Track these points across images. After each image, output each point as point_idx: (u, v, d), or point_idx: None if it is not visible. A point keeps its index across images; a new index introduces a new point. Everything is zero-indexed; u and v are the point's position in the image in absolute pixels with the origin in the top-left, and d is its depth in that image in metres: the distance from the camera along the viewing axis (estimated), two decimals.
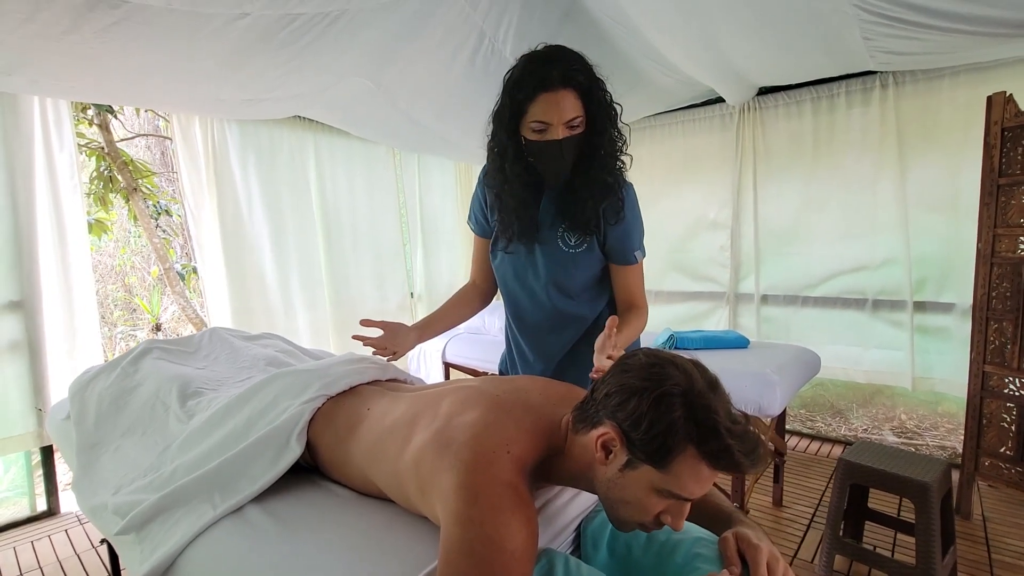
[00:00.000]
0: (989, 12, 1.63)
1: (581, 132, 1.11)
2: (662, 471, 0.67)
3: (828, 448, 2.89)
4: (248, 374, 1.50)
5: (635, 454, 0.69)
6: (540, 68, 1.07)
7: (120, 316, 6.02)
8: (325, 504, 0.94)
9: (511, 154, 1.15)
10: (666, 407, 0.67)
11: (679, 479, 0.67)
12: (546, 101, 1.07)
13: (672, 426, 0.66)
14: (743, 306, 3.18)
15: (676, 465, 0.66)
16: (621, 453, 0.70)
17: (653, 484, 0.68)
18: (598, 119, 1.11)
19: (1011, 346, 2.06)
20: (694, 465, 0.66)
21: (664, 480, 0.68)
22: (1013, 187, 2.03)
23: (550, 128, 1.08)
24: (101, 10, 1.32)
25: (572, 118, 1.08)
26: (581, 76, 1.07)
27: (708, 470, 0.67)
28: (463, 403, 0.82)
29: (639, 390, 0.69)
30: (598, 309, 1.31)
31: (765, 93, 2.95)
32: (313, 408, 1.03)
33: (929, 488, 1.60)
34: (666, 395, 0.67)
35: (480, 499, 0.68)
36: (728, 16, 1.97)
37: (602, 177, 1.15)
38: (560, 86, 1.06)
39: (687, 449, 0.66)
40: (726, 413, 0.68)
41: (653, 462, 0.67)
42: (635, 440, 0.68)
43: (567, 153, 1.11)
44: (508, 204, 1.20)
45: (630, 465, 0.70)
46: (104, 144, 3.58)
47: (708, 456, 0.66)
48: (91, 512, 1.09)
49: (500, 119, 1.14)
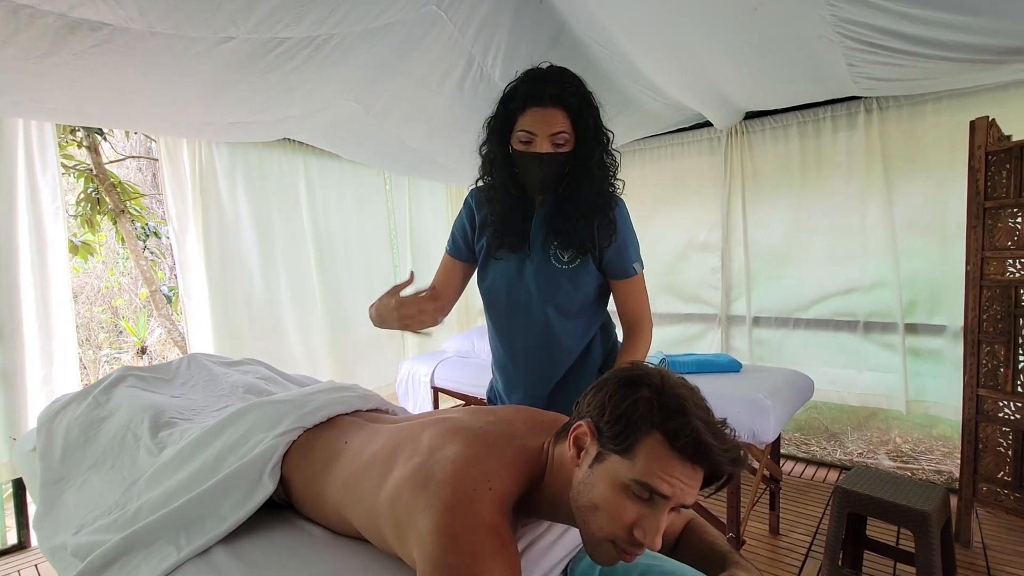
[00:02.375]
0: (969, 39, 1.65)
1: (567, 151, 1.13)
2: (628, 458, 0.64)
3: (824, 473, 2.84)
4: (226, 402, 1.45)
5: (603, 444, 0.67)
6: (535, 83, 1.11)
7: (106, 339, 5.92)
8: (296, 545, 0.88)
9: (499, 161, 1.18)
10: (632, 389, 0.66)
11: (646, 466, 0.63)
12: (534, 114, 1.11)
13: (635, 406, 0.64)
14: (735, 328, 3.16)
15: (641, 450, 0.64)
16: (592, 447, 0.68)
17: (620, 478, 0.65)
18: (586, 141, 1.13)
19: (1004, 369, 2.05)
20: (660, 450, 0.63)
21: (630, 468, 0.64)
22: (999, 210, 2.04)
23: (535, 140, 1.11)
24: (82, 32, 1.30)
25: (557, 132, 1.11)
26: (573, 98, 1.11)
27: (677, 461, 0.63)
28: (444, 436, 0.78)
29: (609, 380, 0.69)
30: (592, 332, 1.28)
31: (752, 117, 2.98)
32: (288, 441, 0.98)
33: (928, 517, 1.56)
34: (633, 380, 0.67)
35: (459, 543, 0.63)
36: (714, 42, 2.00)
37: (591, 198, 1.16)
38: (550, 104, 1.10)
39: (652, 432, 0.63)
40: (699, 404, 0.66)
41: (619, 448, 0.65)
42: (602, 428, 0.67)
43: (548, 168, 1.13)
44: (497, 210, 1.22)
45: (599, 459, 0.67)
46: (93, 166, 3.55)
47: (671, 436, 0.62)
48: (50, 554, 1.03)
49: (491, 127, 1.18)
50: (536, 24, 2.03)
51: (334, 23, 1.62)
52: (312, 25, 1.60)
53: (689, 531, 0.90)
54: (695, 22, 1.85)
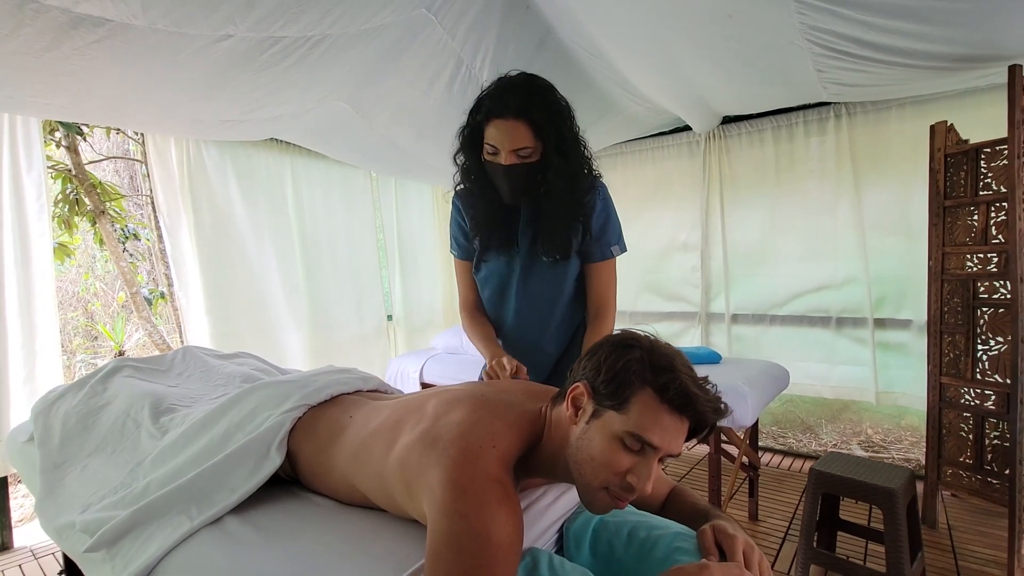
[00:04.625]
0: (925, 47, 1.77)
1: (534, 162, 1.15)
2: (622, 412, 0.71)
3: (800, 463, 2.95)
4: (223, 391, 1.48)
5: (600, 402, 0.73)
6: (501, 95, 1.12)
7: (80, 344, 5.79)
8: (306, 513, 0.92)
9: (474, 169, 1.22)
10: (625, 350, 0.73)
11: (639, 419, 0.70)
12: (497, 127, 1.12)
13: (628, 365, 0.71)
14: (715, 325, 3.27)
15: (635, 404, 0.70)
16: (588, 405, 0.75)
17: (615, 430, 0.71)
18: (553, 152, 1.14)
19: (964, 358, 2.18)
20: (652, 404, 0.70)
21: (624, 422, 0.71)
22: (958, 209, 2.18)
23: (500, 153, 1.13)
24: (85, 28, 1.33)
25: (520, 148, 1.12)
26: (536, 111, 1.11)
27: (668, 413, 0.70)
28: (448, 404, 0.83)
29: (604, 345, 0.76)
30: (579, 318, 1.34)
31: (729, 122, 3.11)
32: (294, 417, 1.03)
33: (895, 494, 1.65)
34: (625, 343, 0.74)
35: (467, 493, 0.69)
36: (692, 50, 2.10)
37: (565, 205, 1.19)
38: (513, 116, 1.10)
39: (644, 388, 0.70)
40: (685, 364, 0.73)
41: (614, 404, 0.71)
42: (598, 387, 0.73)
43: (513, 180, 1.15)
44: (479, 215, 1.26)
45: (595, 415, 0.73)
46: (72, 166, 3.52)
47: (662, 390, 0.69)
48: (56, 532, 1.05)
49: (464, 137, 1.21)
50: (523, 28, 2.11)
51: (329, 23, 1.68)
52: (308, 25, 1.65)
53: (673, 495, 0.97)
54: (675, 28, 1.95)
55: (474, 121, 1.16)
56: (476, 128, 1.16)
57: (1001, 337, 2.06)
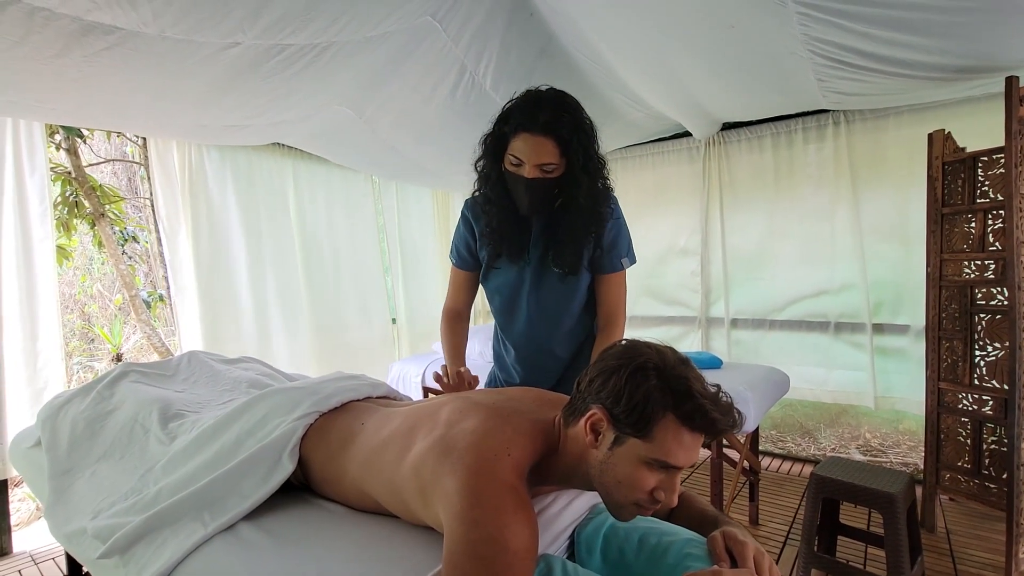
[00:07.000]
0: (924, 58, 1.80)
1: (556, 177, 1.16)
2: (646, 440, 0.72)
3: (799, 468, 2.97)
4: (230, 396, 1.48)
5: (621, 429, 0.74)
6: (530, 108, 1.12)
7: (77, 346, 5.76)
8: (319, 519, 0.93)
9: (493, 177, 1.22)
10: (641, 378, 0.73)
11: (663, 445, 0.72)
12: (524, 141, 1.13)
13: (649, 395, 0.72)
14: (714, 330, 3.29)
15: (658, 432, 0.72)
16: (609, 432, 0.75)
17: (640, 456, 0.73)
18: (576, 170, 1.15)
19: (962, 363, 2.20)
20: (675, 429, 0.72)
21: (650, 449, 0.72)
22: (955, 216, 2.21)
23: (523, 165, 1.14)
24: (95, 35, 1.34)
25: (545, 163, 1.13)
26: (565, 129, 1.12)
27: (689, 434, 0.72)
28: (462, 411, 0.85)
29: (616, 368, 0.76)
30: (589, 327, 1.35)
31: (729, 128, 3.13)
32: (306, 424, 1.03)
33: (895, 498, 1.67)
34: (640, 368, 0.74)
35: (483, 500, 0.70)
36: (693, 57, 2.12)
37: (581, 223, 1.20)
38: (541, 132, 1.11)
39: (666, 415, 0.71)
40: (697, 380, 0.74)
41: (637, 433, 0.72)
42: (618, 415, 0.73)
43: (534, 193, 1.16)
44: (493, 223, 1.26)
45: (618, 442, 0.74)
46: (72, 169, 3.51)
47: (685, 418, 0.71)
48: (67, 539, 1.05)
49: (487, 144, 1.22)
50: (526, 36, 2.12)
51: (336, 31, 1.69)
52: (315, 33, 1.66)
53: (682, 501, 0.98)
54: (676, 38, 1.97)
55: (500, 131, 1.17)
56: (502, 138, 1.17)
57: (999, 343, 2.09)
